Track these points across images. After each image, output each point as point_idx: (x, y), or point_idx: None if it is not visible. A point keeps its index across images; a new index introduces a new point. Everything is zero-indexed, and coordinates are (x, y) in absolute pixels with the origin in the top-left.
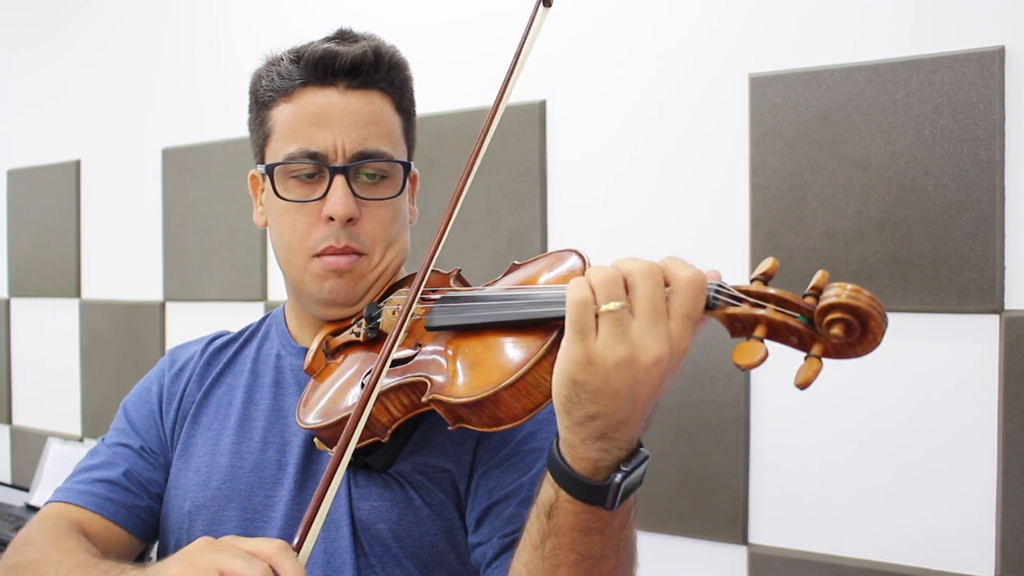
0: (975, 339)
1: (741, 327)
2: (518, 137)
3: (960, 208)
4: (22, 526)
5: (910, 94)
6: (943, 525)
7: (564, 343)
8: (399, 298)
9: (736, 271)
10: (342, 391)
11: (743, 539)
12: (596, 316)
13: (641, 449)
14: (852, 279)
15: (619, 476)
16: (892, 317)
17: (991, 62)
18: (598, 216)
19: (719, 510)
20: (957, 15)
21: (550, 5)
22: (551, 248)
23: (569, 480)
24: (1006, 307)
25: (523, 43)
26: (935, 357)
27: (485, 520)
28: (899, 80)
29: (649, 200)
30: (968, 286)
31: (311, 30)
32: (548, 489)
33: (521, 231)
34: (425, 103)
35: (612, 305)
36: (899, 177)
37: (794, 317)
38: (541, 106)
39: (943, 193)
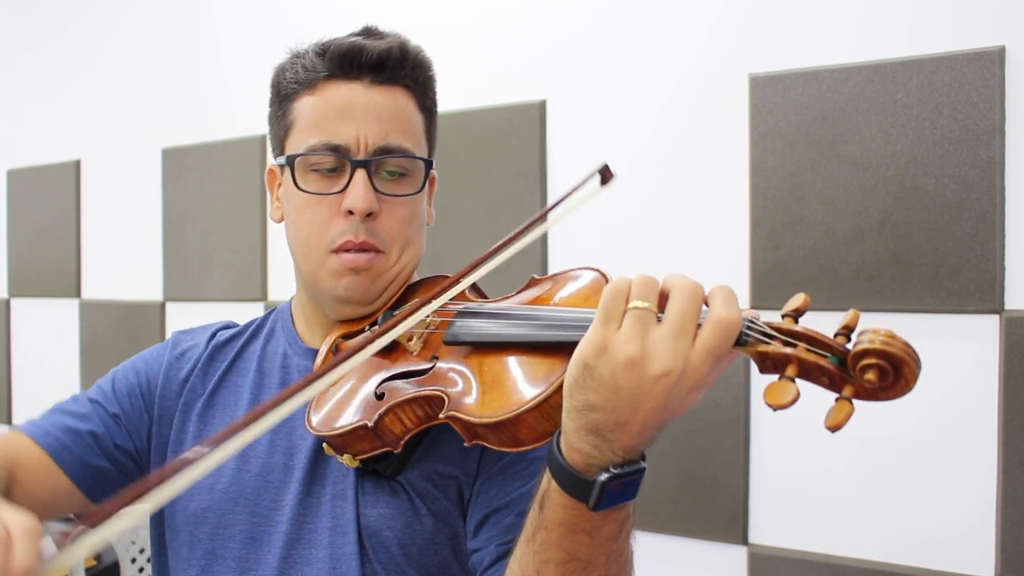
0: (975, 339)
1: (772, 365)
2: (518, 137)
3: (960, 208)
4: None
5: (910, 94)
6: (943, 525)
7: (591, 327)
8: None
9: (736, 271)
10: (351, 396)
11: (743, 539)
12: (624, 310)
13: (640, 462)
14: (852, 279)
15: (604, 476)
16: (892, 317)
17: (991, 62)
18: (598, 216)
19: (719, 510)
20: (957, 15)
21: (606, 183)
22: (551, 249)
23: (559, 468)
24: (1006, 307)
25: (565, 197)
26: (935, 357)
27: (484, 527)
28: (899, 80)
29: (649, 200)
30: (968, 286)
31: (312, 30)
32: (544, 479)
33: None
34: None
35: (640, 303)
36: (899, 177)
37: (825, 357)
38: (541, 106)
39: (943, 193)
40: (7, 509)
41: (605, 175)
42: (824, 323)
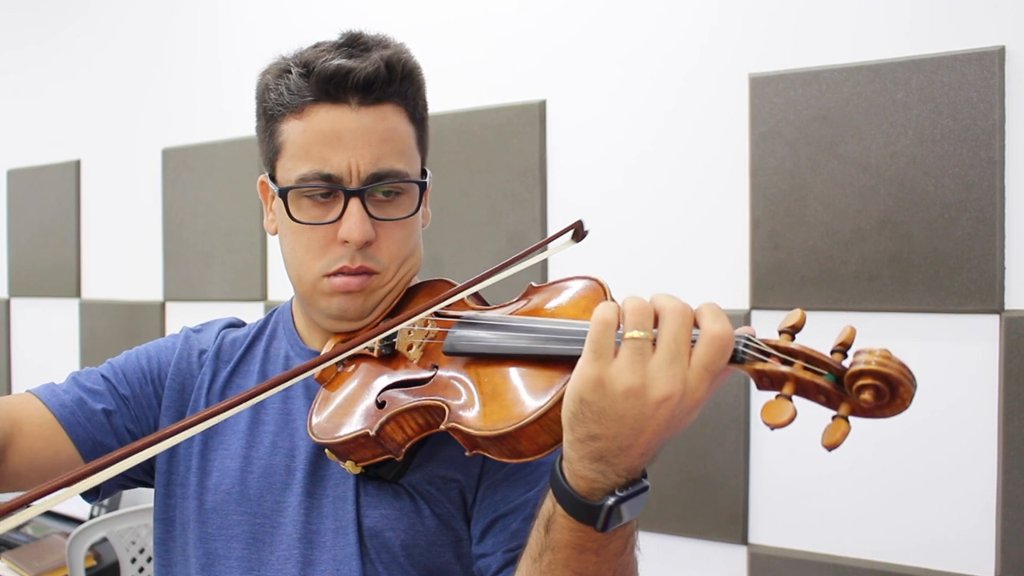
0: (975, 339)
1: (769, 383)
2: (518, 137)
3: (960, 208)
4: (22, 526)
5: (910, 94)
6: (943, 525)
7: (581, 360)
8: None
9: (736, 271)
10: (353, 403)
11: (743, 539)
12: (617, 341)
13: (643, 480)
14: (852, 279)
15: (611, 500)
16: (892, 317)
17: (991, 62)
18: (598, 216)
19: (719, 510)
20: (957, 15)
21: (580, 240)
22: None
23: (565, 495)
24: (1006, 307)
25: (534, 249)
26: (935, 357)
27: (489, 533)
28: (899, 80)
29: (649, 200)
30: (968, 286)
31: (313, 30)
32: (548, 502)
33: (521, 231)
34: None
35: (637, 333)
36: (899, 177)
37: (822, 376)
38: (541, 106)
39: (943, 193)
40: None
41: (579, 232)
42: (825, 323)
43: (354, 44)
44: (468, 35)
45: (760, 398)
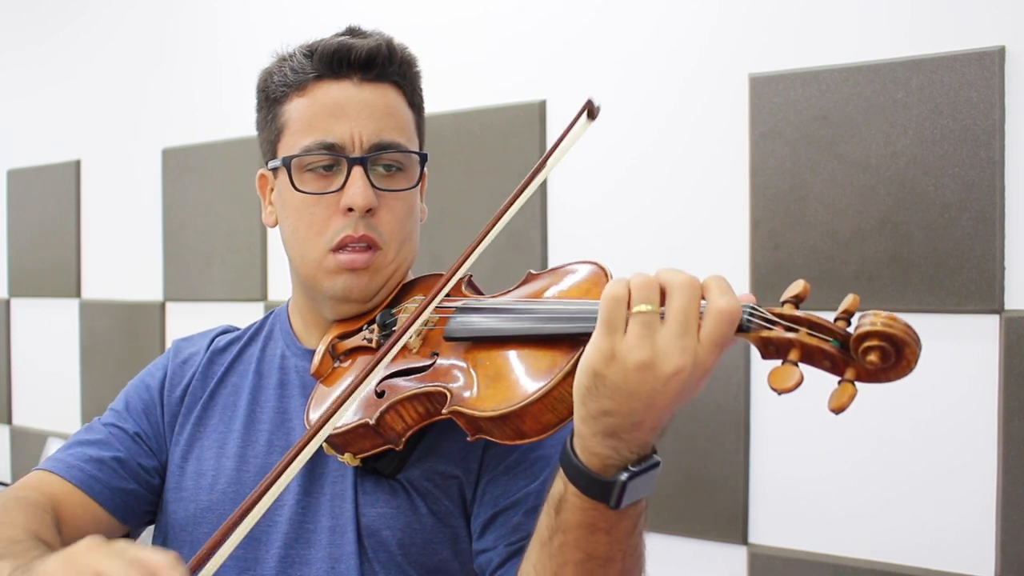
0: (975, 339)
1: (775, 350)
2: (518, 137)
3: (960, 208)
4: None
5: (910, 94)
6: (943, 525)
7: (594, 335)
8: (413, 306)
9: (736, 271)
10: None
11: (743, 539)
12: (627, 316)
13: (653, 456)
14: (852, 279)
15: (625, 475)
16: None
17: (991, 62)
18: (598, 216)
19: (719, 510)
20: (957, 15)
21: (594, 118)
22: (551, 247)
23: (577, 473)
24: (1006, 307)
25: (557, 144)
26: (935, 357)
27: (491, 527)
28: (899, 80)
29: (649, 200)
30: (968, 286)
31: (313, 30)
32: (558, 483)
33: (521, 231)
34: (425, 103)
35: (643, 307)
36: (899, 177)
37: (827, 341)
38: (541, 106)
39: (943, 193)
40: (143, 549)
41: (591, 111)
42: None
43: (354, 32)
44: (468, 35)
45: (760, 398)
